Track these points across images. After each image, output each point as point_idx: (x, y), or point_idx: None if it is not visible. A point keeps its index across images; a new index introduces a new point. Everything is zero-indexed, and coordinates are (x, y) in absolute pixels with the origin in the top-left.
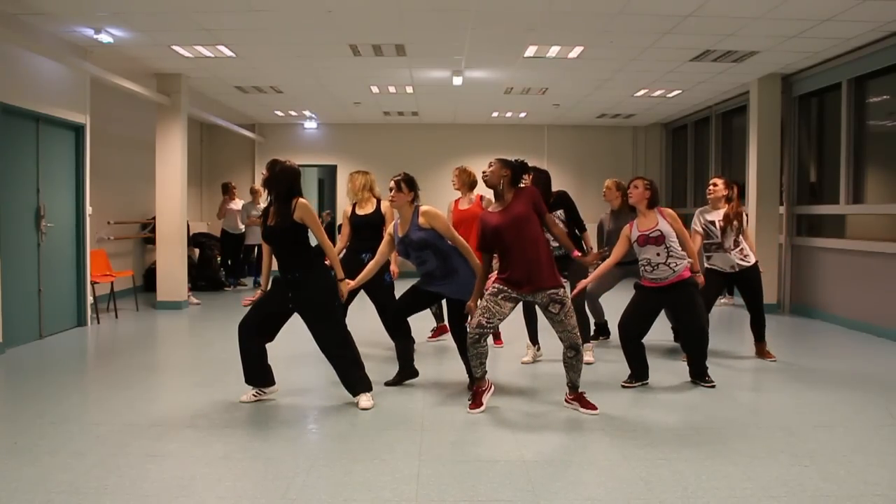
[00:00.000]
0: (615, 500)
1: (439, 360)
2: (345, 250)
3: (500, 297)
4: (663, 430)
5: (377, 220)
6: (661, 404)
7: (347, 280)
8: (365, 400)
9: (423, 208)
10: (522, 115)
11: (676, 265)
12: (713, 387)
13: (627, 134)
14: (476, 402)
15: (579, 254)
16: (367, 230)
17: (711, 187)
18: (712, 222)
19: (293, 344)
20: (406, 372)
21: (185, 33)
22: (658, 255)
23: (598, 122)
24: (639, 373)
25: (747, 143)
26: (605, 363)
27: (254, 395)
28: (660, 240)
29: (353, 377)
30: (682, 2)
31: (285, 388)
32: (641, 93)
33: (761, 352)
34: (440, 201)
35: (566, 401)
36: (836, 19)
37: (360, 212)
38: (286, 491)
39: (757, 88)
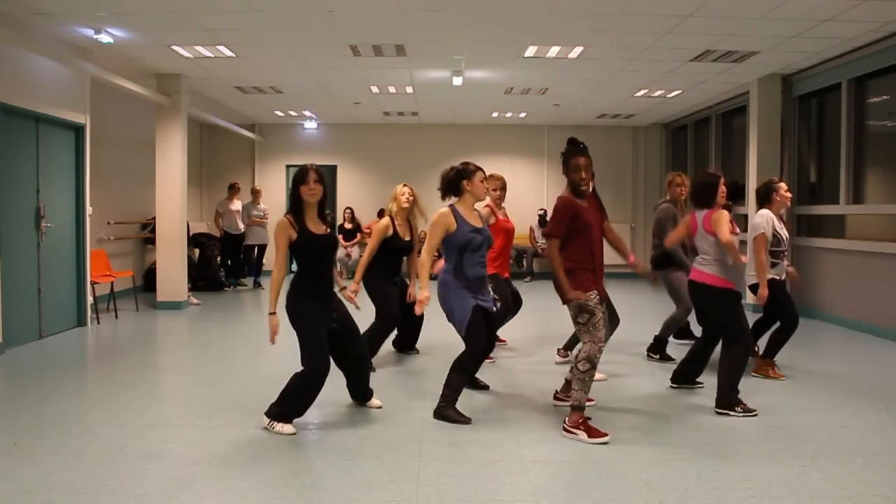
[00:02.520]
0: (615, 500)
1: (440, 357)
2: (371, 267)
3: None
4: (663, 430)
5: (410, 248)
6: (661, 405)
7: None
8: (377, 400)
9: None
10: (522, 115)
11: None
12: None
13: (627, 134)
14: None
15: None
16: (403, 255)
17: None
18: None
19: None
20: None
21: (185, 33)
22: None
23: (598, 122)
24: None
25: (747, 143)
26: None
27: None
28: None
29: (368, 381)
30: (682, 2)
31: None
32: (641, 93)
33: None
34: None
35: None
36: (836, 19)
37: (403, 235)
38: (286, 491)
39: (757, 88)
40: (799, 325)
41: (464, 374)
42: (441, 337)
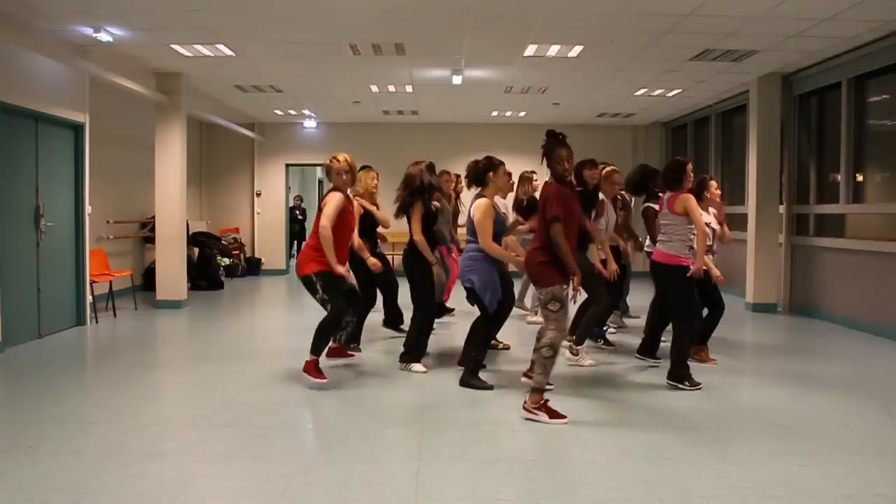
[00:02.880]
0: (615, 500)
1: (440, 359)
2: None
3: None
4: (663, 429)
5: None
6: (661, 404)
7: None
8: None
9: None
10: (522, 114)
11: None
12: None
13: (627, 133)
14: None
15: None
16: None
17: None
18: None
19: (296, 343)
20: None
21: (184, 32)
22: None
23: (597, 122)
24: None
25: (747, 142)
26: (606, 365)
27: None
28: None
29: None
30: (682, 1)
31: (285, 388)
32: (641, 92)
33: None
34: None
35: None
36: (837, 19)
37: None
38: (286, 491)
39: (757, 88)
40: (799, 325)
41: (482, 347)
42: (437, 340)
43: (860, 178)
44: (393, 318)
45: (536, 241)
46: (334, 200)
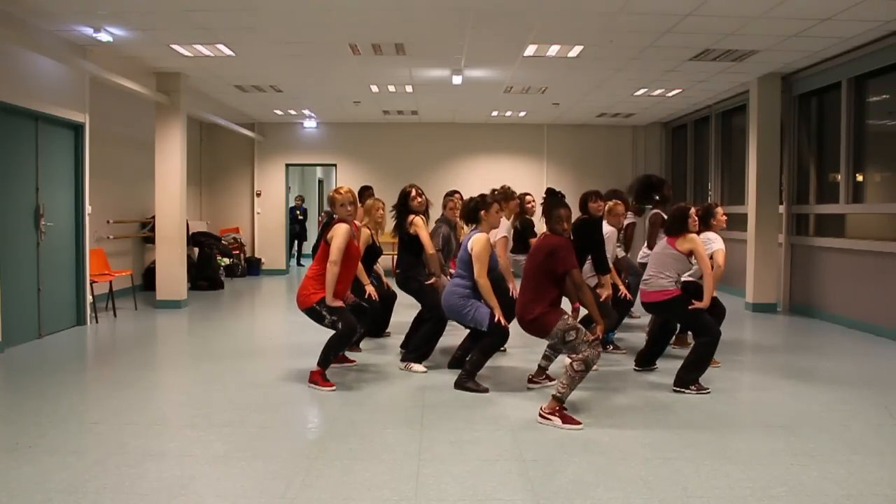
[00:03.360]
0: (615, 500)
1: (440, 357)
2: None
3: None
4: (663, 430)
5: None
6: (661, 404)
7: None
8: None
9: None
10: (522, 114)
11: None
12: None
13: (627, 133)
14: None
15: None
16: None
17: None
18: None
19: (296, 343)
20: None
21: (184, 32)
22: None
23: (597, 122)
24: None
25: (747, 142)
26: (604, 366)
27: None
28: None
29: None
30: (682, 1)
31: (285, 388)
32: (641, 92)
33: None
34: (438, 202)
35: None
36: (836, 19)
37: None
38: (286, 490)
39: (757, 88)
40: (799, 325)
41: (484, 356)
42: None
43: (860, 178)
44: (375, 327)
45: (526, 294)
46: (342, 234)
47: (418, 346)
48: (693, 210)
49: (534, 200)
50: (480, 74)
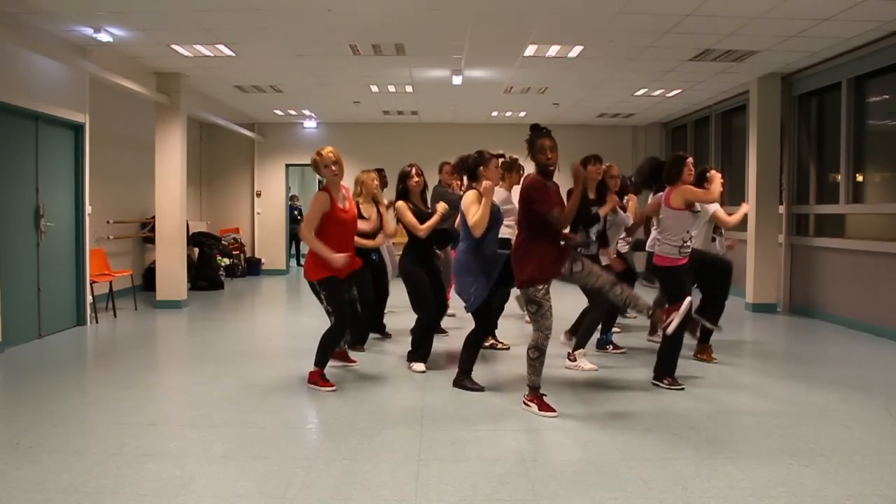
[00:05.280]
0: (615, 500)
1: (441, 358)
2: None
3: (548, 292)
4: (663, 430)
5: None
6: (661, 404)
7: None
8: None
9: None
10: (522, 114)
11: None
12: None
13: (627, 133)
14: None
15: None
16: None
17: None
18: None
19: (296, 343)
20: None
21: (184, 32)
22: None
23: (597, 122)
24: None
25: (747, 142)
26: (606, 368)
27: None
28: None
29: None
30: (682, 1)
31: (285, 388)
32: (641, 92)
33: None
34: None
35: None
36: (836, 19)
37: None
38: (286, 491)
39: (757, 88)
40: (799, 325)
41: (473, 350)
42: (442, 341)
43: (860, 178)
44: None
45: (519, 249)
46: (316, 202)
47: (415, 346)
48: (690, 160)
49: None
50: (480, 74)
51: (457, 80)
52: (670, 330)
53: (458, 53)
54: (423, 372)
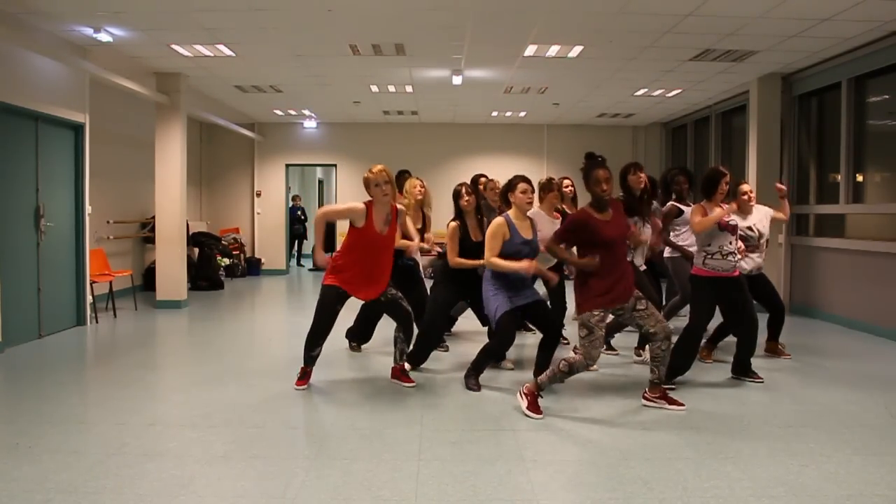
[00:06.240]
0: (615, 500)
1: (441, 358)
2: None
3: (603, 320)
4: (664, 429)
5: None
6: (660, 404)
7: None
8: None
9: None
10: (522, 114)
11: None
12: (761, 382)
13: (627, 133)
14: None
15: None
16: None
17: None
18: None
19: (296, 343)
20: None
21: (184, 32)
22: (731, 243)
23: (597, 122)
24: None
25: (747, 142)
26: (604, 366)
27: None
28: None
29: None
30: (682, 1)
31: (285, 388)
32: (641, 92)
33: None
34: (439, 201)
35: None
36: (836, 19)
37: (416, 223)
38: (285, 490)
39: (757, 88)
40: (799, 325)
41: (487, 357)
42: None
43: (860, 178)
44: (361, 332)
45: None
46: (348, 208)
47: (414, 350)
48: (727, 177)
49: (572, 185)
50: (480, 74)
51: (457, 80)
52: (645, 404)
53: (458, 53)
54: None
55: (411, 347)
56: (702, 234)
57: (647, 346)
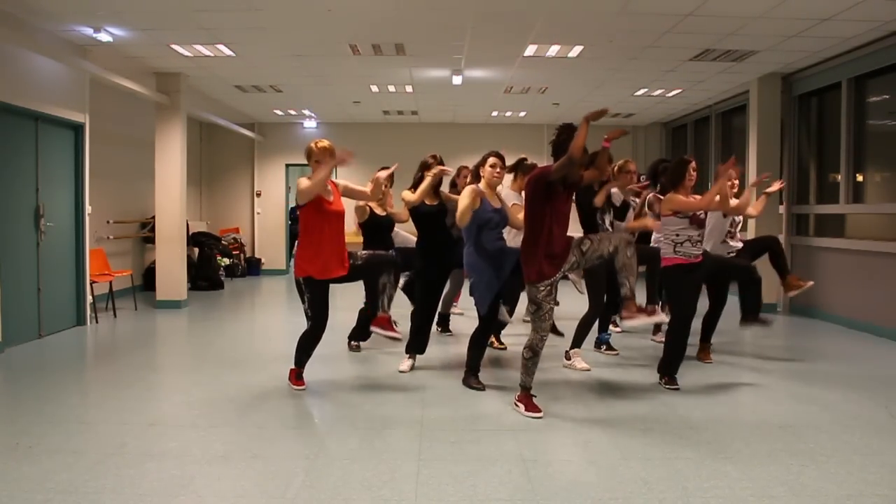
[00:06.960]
0: (615, 500)
1: (440, 357)
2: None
3: (553, 289)
4: (663, 429)
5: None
6: (661, 404)
7: None
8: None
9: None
10: (522, 114)
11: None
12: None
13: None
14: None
15: None
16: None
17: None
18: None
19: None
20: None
21: (184, 32)
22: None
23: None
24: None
25: (747, 142)
26: (604, 366)
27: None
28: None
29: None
30: (682, 1)
31: (285, 388)
32: (641, 92)
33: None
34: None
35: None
36: (836, 19)
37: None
38: (285, 490)
39: (757, 88)
40: (799, 325)
41: (477, 349)
42: (443, 342)
43: (860, 178)
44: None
45: (522, 238)
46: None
47: (411, 337)
48: (693, 164)
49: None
50: (480, 74)
51: (457, 80)
52: (627, 324)
53: (458, 53)
54: (406, 370)
55: (409, 339)
56: (670, 225)
57: (660, 330)
